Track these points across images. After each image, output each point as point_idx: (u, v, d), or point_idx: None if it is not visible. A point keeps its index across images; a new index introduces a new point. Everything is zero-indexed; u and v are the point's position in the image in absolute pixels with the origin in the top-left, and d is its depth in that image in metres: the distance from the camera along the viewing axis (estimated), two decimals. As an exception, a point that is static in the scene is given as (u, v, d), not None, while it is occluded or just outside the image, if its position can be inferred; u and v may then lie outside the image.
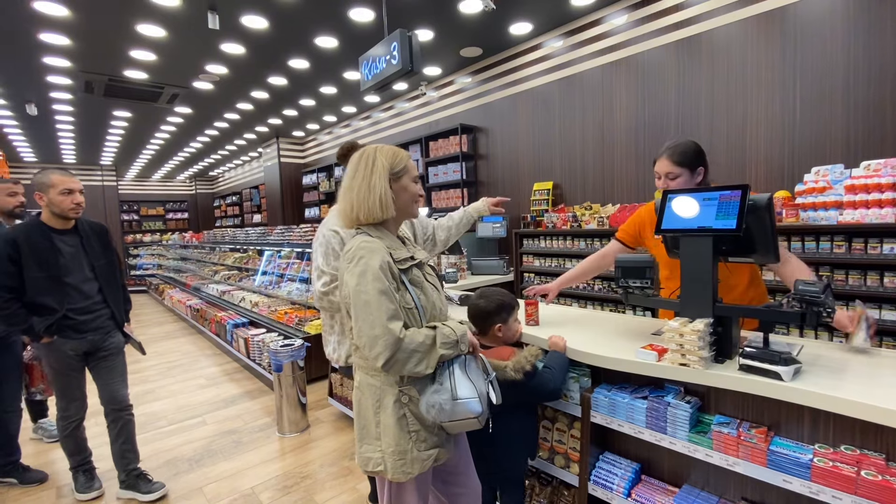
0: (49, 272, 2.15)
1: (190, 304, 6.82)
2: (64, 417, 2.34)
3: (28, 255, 2.10)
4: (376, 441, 1.26)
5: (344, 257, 1.29)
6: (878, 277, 2.56)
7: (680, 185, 1.75)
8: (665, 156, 1.77)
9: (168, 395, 4.02)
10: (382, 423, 1.26)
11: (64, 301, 2.19)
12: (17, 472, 2.61)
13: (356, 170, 1.34)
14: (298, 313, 4.41)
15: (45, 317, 2.15)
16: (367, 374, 1.30)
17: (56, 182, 2.15)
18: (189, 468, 2.75)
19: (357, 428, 1.34)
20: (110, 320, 2.37)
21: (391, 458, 1.24)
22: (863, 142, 2.97)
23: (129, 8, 3.88)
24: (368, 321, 1.18)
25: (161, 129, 8.54)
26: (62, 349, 2.22)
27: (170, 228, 14.59)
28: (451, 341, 1.26)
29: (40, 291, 2.13)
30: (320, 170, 9.13)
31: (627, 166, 4.31)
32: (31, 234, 2.13)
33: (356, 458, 1.33)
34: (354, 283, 1.22)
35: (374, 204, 1.29)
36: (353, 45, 4.80)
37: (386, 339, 1.16)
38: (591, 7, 4.30)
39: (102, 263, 2.35)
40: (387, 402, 1.26)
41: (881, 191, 2.49)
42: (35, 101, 6.40)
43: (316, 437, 3.06)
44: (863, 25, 2.95)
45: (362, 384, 1.32)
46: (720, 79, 3.63)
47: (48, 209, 2.18)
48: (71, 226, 2.27)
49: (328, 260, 1.81)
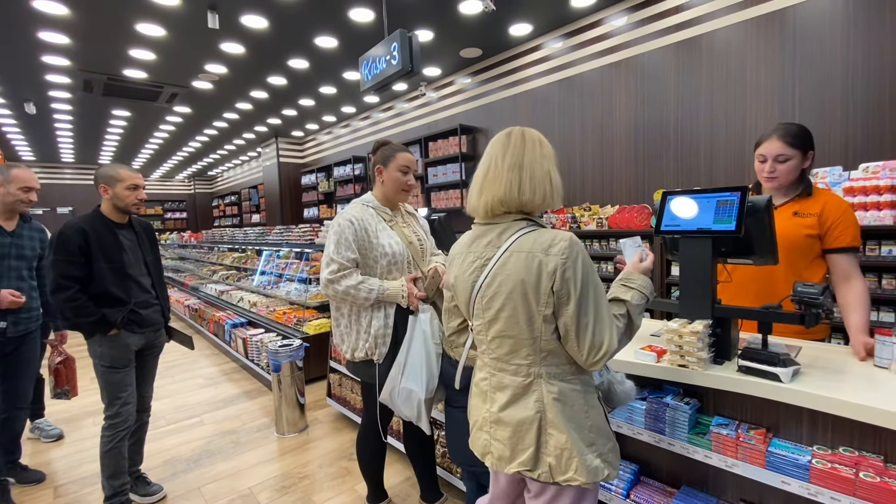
0: (115, 264, 2.14)
1: (188, 304, 6.81)
2: (112, 426, 2.17)
3: (96, 246, 2.09)
4: (592, 447, 1.11)
5: (554, 249, 1.06)
6: (877, 279, 2.57)
7: (789, 169, 1.65)
8: (777, 136, 1.64)
9: (166, 394, 4.01)
10: (595, 425, 1.14)
11: (130, 293, 2.19)
12: (15, 472, 2.60)
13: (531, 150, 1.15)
14: (297, 313, 4.41)
15: (116, 308, 2.14)
16: (566, 382, 1.12)
17: (124, 177, 2.18)
18: (187, 468, 2.74)
19: (557, 446, 1.09)
20: (161, 316, 2.38)
21: (611, 455, 1.15)
22: (861, 144, 2.98)
23: (128, 7, 3.88)
24: (601, 317, 1.07)
25: (160, 128, 8.53)
26: (126, 342, 2.19)
27: (168, 228, 14.58)
28: (642, 304, 1.18)
29: (109, 283, 2.12)
30: (319, 170, 9.13)
31: (627, 168, 4.32)
32: (96, 226, 2.14)
33: (558, 479, 1.09)
34: (585, 278, 1.06)
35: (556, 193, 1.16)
36: (353, 45, 4.80)
37: (610, 332, 1.07)
38: (591, 8, 4.31)
39: (153, 259, 2.38)
40: (594, 402, 1.16)
41: (879, 193, 2.50)
42: (34, 100, 6.39)
43: (314, 438, 3.06)
44: (862, 29, 2.96)
45: (563, 395, 1.11)
46: (720, 81, 3.64)
47: (110, 202, 2.19)
48: (127, 220, 2.29)
49: (339, 249, 1.79)
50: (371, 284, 1.78)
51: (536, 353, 1.11)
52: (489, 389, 1.20)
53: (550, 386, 1.11)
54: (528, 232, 1.12)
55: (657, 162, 4.09)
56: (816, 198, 1.69)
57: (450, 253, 1.32)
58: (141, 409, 2.39)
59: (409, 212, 2.05)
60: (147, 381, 2.42)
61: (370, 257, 1.82)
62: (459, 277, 1.23)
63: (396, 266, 1.83)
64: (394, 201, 1.92)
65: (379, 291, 1.78)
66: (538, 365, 1.12)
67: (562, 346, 1.11)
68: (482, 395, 1.22)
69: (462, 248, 1.26)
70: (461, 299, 1.25)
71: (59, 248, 2.05)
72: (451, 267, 1.29)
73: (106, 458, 2.18)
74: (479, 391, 1.24)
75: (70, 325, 2.16)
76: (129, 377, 2.23)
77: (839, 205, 1.66)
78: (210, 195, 15.93)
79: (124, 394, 2.20)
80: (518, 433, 1.12)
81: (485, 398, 1.21)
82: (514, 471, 1.13)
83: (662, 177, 4.05)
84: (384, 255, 1.81)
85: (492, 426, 1.18)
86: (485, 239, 1.18)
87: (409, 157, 1.87)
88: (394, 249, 1.82)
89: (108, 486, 2.20)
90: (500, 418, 1.15)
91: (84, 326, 2.10)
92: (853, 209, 2.57)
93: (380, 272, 1.83)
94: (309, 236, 5.05)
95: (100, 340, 2.14)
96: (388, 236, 1.83)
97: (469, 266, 1.20)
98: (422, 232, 2.01)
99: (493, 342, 1.17)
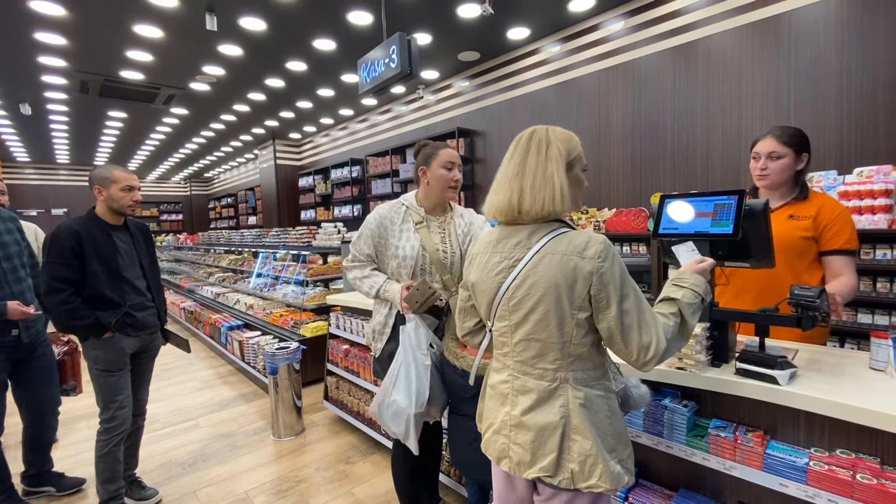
0: (109, 266, 2.12)
1: (184, 307, 6.78)
2: (108, 430, 2.15)
3: (90, 248, 2.07)
4: (613, 453, 1.10)
5: (590, 252, 1.03)
6: (871, 283, 2.59)
7: (781, 168, 1.69)
8: (772, 135, 1.70)
9: (162, 398, 3.99)
10: (617, 431, 1.12)
11: (125, 296, 2.17)
12: (53, 481, 2.53)
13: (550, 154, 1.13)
14: (294, 316, 4.39)
15: (110, 311, 2.12)
16: (591, 388, 1.10)
17: (119, 178, 2.15)
18: (183, 472, 2.72)
19: (581, 453, 1.06)
20: (157, 319, 2.36)
21: (629, 461, 1.14)
22: (856, 148, 3.01)
23: (126, 8, 3.88)
24: (644, 317, 1.04)
25: (157, 130, 8.51)
26: (121, 345, 2.16)
27: (164, 230, 14.51)
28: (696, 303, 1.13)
29: (103, 285, 2.10)
30: (316, 172, 9.13)
31: (623, 171, 4.34)
32: (90, 228, 2.11)
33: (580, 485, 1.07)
34: (623, 278, 1.04)
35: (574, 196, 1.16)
36: (352, 47, 4.81)
37: (657, 330, 1.04)
38: (588, 13, 4.34)
39: (148, 261, 2.35)
40: (616, 408, 1.15)
41: (874, 197, 2.52)
42: (29, 101, 6.36)
43: (311, 441, 3.04)
44: (855, 35, 2.99)
45: (588, 401, 1.09)
46: (715, 85, 3.67)
47: (105, 204, 2.17)
48: (122, 222, 2.26)
49: (359, 241, 1.87)
50: (375, 281, 1.83)
51: (564, 358, 1.08)
52: (511, 392, 1.16)
53: (576, 391, 1.09)
54: (560, 234, 1.09)
55: (654, 165, 4.11)
56: (812, 201, 1.71)
57: (469, 252, 1.29)
58: (136, 413, 2.36)
59: (456, 216, 1.93)
60: (143, 384, 2.40)
61: (386, 255, 1.86)
62: (482, 278, 1.19)
63: (405, 269, 1.81)
64: (440, 200, 1.86)
65: (380, 289, 1.82)
66: (565, 370, 1.09)
67: (591, 350, 1.09)
68: (500, 398, 1.19)
69: (485, 247, 1.21)
70: (482, 300, 1.21)
71: (51, 250, 2.02)
72: (471, 267, 1.25)
73: (101, 462, 2.16)
74: (498, 394, 1.20)
75: (64, 329, 2.14)
76: (125, 380, 2.21)
77: (834, 207, 1.68)
78: (206, 197, 15.88)
79: (120, 397, 2.18)
80: (540, 438, 1.09)
81: (504, 401, 1.17)
82: (534, 476, 1.10)
83: (659, 180, 4.07)
84: (394, 257, 1.81)
85: (511, 430, 1.14)
86: (512, 239, 1.14)
87: (451, 152, 1.83)
88: (405, 253, 1.80)
89: (103, 491, 2.17)
90: (523, 422, 1.12)
91: (78, 329, 2.07)
92: (849, 213, 2.60)
93: (391, 272, 1.86)
94: (306, 238, 5.04)
95: (94, 343, 2.12)
96: (406, 238, 1.81)
97: (494, 267, 1.16)
98: (457, 241, 1.88)
99: (518, 345, 1.13)
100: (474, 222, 1.95)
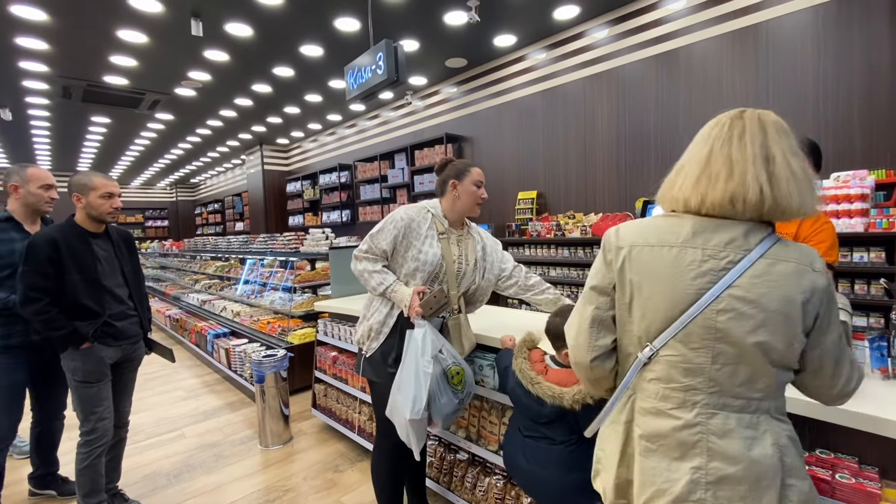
0: (88, 275, 2.07)
1: (169, 315, 6.67)
2: (88, 442, 2.10)
3: (68, 256, 2.02)
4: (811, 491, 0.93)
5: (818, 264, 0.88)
6: (849, 284, 2.66)
7: None
8: None
9: (146, 407, 3.91)
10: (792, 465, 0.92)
11: (104, 305, 2.12)
12: (56, 484, 2.53)
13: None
14: (282, 323, 4.35)
15: (89, 321, 2.07)
16: (779, 420, 0.92)
17: (98, 185, 2.11)
18: (168, 483, 2.67)
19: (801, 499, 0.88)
20: (139, 328, 2.31)
21: None
22: (833, 154, 3.10)
23: (110, 13, 3.84)
24: (846, 347, 0.93)
25: (141, 135, 8.41)
26: (100, 356, 2.11)
27: (149, 236, 14.31)
28: None
29: (81, 294, 2.05)
30: (304, 178, 9.08)
31: (609, 176, 4.40)
32: (68, 236, 2.06)
33: None
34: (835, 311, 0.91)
35: None
36: (339, 54, 4.82)
37: (855, 361, 0.93)
38: (573, 21, 4.41)
39: (130, 269, 2.31)
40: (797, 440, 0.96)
41: (850, 201, 2.59)
42: (9, 106, 6.25)
43: (299, 450, 3.01)
44: (831, 44, 3.09)
45: (793, 434, 0.93)
46: (697, 92, 3.75)
47: (84, 211, 2.13)
48: (103, 230, 2.22)
49: (379, 235, 1.83)
50: (385, 278, 1.82)
51: (774, 385, 0.89)
52: (703, 438, 0.89)
53: (781, 424, 0.91)
54: (780, 239, 0.90)
55: (638, 170, 4.17)
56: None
57: (630, 242, 0.98)
58: (118, 425, 2.32)
59: (472, 233, 1.99)
60: (125, 394, 2.35)
61: (405, 255, 1.83)
62: (664, 276, 0.92)
63: (421, 273, 1.81)
64: (465, 214, 1.92)
65: (389, 288, 1.80)
66: (769, 399, 0.90)
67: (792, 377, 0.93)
68: (679, 450, 0.91)
69: (671, 239, 0.93)
70: (659, 308, 0.93)
71: (28, 258, 1.98)
72: (632, 262, 0.96)
73: (81, 475, 2.11)
74: (675, 445, 0.91)
75: (41, 339, 2.10)
76: (105, 391, 2.16)
77: (815, 220, 1.67)
78: (193, 203, 15.70)
79: (100, 409, 2.13)
80: (756, 490, 0.86)
81: (687, 453, 0.90)
82: None
83: (644, 185, 4.13)
84: (415, 259, 1.80)
85: (708, 489, 0.88)
86: (720, 235, 0.90)
87: (480, 171, 1.94)
88: (427, 259, 1.80)
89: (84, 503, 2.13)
90: (728, 476, 0.87)
91: (55, 340, 2.03)
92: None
93: (405, 273, 1.84)
94: (294, 244, 5.00)
95: (72, 354, 2.08)
96: (430, 245, 1.82)
97: (692, 267, 0.90)
98: (473, 257, 1.93)
99: (722, 370, 0.88)
100: (488, 245, 2.01)
